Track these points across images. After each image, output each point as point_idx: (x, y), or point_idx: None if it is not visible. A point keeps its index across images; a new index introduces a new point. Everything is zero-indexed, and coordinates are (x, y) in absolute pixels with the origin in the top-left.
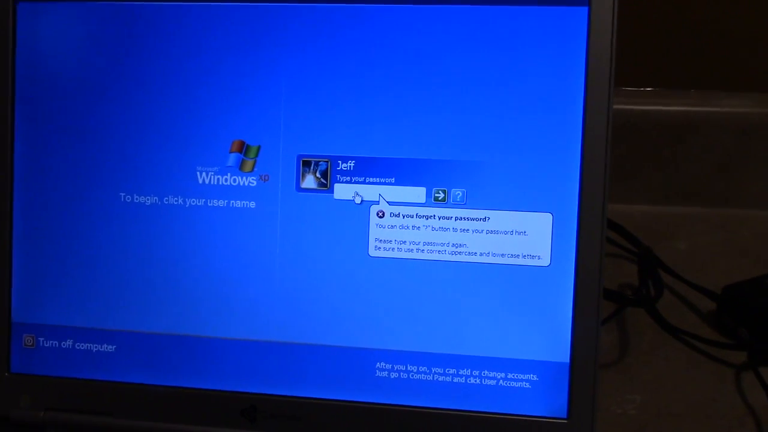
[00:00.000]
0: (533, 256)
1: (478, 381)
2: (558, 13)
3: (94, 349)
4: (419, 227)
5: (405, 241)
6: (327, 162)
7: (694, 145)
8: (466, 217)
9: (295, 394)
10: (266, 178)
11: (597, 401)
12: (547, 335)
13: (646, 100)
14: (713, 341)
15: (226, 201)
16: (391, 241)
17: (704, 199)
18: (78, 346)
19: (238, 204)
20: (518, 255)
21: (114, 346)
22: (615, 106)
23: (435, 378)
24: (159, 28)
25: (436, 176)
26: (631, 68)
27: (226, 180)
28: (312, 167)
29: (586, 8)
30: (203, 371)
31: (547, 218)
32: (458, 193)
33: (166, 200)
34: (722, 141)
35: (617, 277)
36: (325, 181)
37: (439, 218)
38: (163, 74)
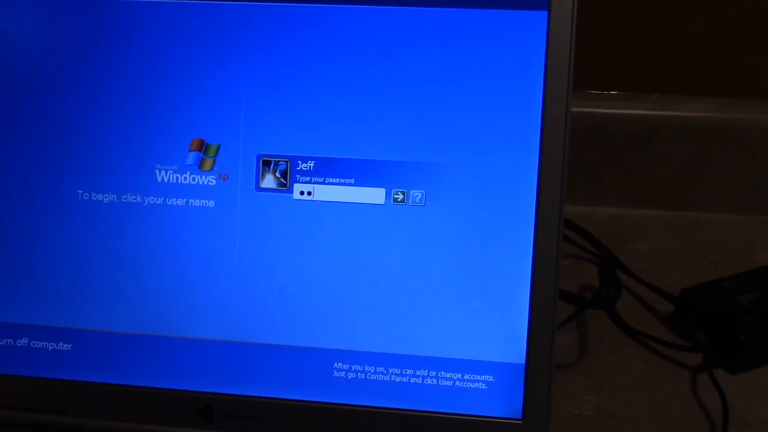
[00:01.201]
0: (491, 257)
1: (434, 381)
2: (518, 17)
3: (50, 348)
4: None
5: None
6: (287, 162)
7: (657, 148)
8: (425, 218)
9: (252, 394)
10: (226, 177)
11: (552, 402)
12: (503, 337)
13: (611, 104)
14: (670, 343)
15: (185, 200)
16: None
17: (667, 203)
18: (33, 344)
19: (197, 203)
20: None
21: (70, 345)
22: (581, 109)
23: (392, 378)
24: (119, 24)
25: (395, 177)
26: (597, 72)
27: (185, 179)
28: (272, 167)
29: (545, 13)
30: (160, 370)
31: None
32: (417, 195)
33: (125, 198)
34: (684, 145)
35: (579, 279)
36: (284, 181)
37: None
38: (123, 71)
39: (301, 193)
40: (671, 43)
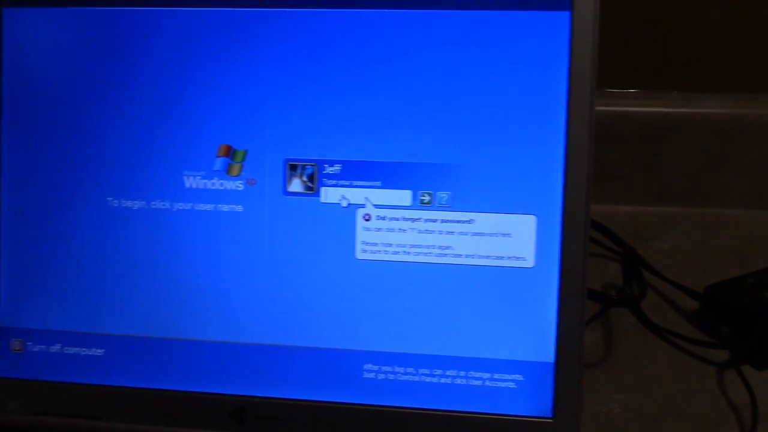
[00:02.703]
0: (518, 257)
1: (464, 381)
2: (541, 18)
3: (83, 353)
4: (405, 230)
5: (391, 244)
6: (314, 166)
7: (676, 145)
8: (452, 219)
9: (283, 396)
10: (253, 182)
11: (582, 400)
12: (532, 336)
13: (629, 102)
14: (696, 340)
15: (213, 205)
16: (377, 243)
17: (687, 199)
18: (66, 350)
19: (225, 208)
20: (503, 257)
21: (102, 350)
22: (599, 108)
23: (422, 379)
24: (145, 34)
25: (421, 179)
26: (615, 70)
27: (213, 184)
28: (299, 171)
29: (568, 13)
30: (191, 374)
31: (531, 220)
32: (443, 196)
33: (153, 204)
34: (703, 142)
35: (602, 277)
36: (311, 185)
37: (425, 221)
38: (150, 79)
39: (328, 196)
40: (689, 40)
